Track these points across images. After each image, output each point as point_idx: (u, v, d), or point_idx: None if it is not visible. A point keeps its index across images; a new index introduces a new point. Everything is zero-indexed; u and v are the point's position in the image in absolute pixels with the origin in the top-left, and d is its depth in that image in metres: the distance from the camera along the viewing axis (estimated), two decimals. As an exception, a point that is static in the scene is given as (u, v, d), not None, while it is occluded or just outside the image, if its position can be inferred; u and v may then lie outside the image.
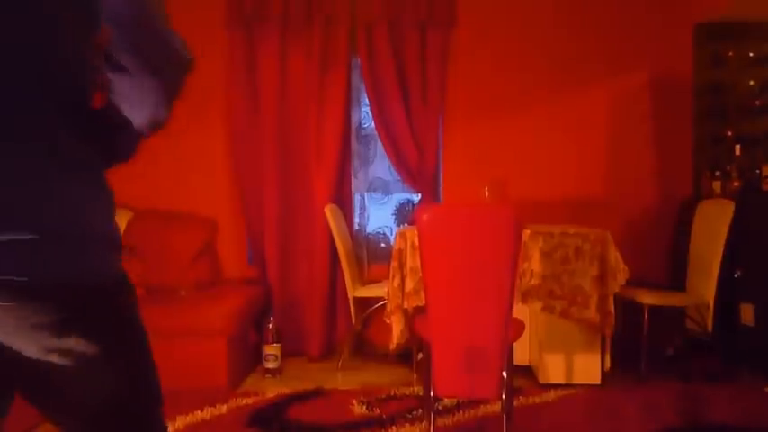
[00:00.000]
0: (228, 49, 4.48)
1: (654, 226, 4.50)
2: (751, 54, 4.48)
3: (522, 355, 3.80)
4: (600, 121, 4.56)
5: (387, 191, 4.75)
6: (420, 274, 2.93)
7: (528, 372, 3.83)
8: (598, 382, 3.61)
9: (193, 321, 3.63)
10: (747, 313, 3.77)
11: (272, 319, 4.03)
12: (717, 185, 4.25)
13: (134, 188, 4.53)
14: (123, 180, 4.80)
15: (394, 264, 3.47)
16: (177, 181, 4.57)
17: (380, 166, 4.70)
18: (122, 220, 4.37)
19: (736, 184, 4.19)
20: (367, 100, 4.47)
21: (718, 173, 4.29)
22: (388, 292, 3.50)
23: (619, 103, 4.54)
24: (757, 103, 4.44)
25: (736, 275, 3.80)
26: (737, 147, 4.30)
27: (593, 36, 4.55)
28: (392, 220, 4.74)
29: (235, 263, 4.61)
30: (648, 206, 4.53)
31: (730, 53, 4.48)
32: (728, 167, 4.27)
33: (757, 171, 4.12)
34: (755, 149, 4.34)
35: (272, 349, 3.97)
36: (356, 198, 4.64)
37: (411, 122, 4.43)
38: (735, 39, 4.48)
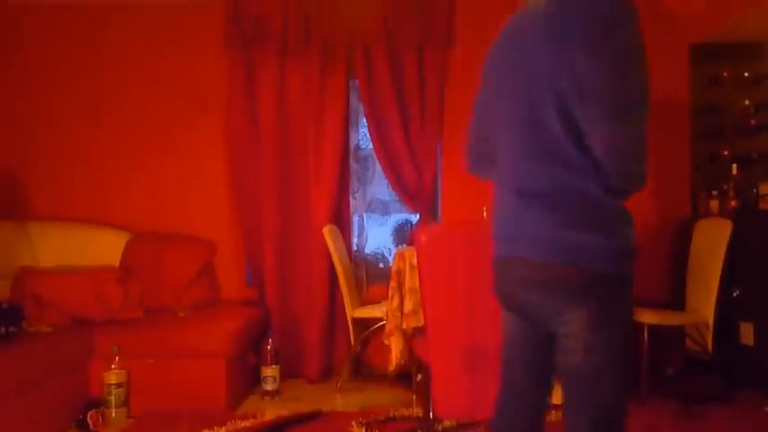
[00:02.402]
0: (227, 71, 4.51)
1: (652, 245, 4.50)
2: (746, 74, 4.52)
3: (521, 375, 3.77)
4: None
5: (385, 211, 4.75)
6: (419, 295, 2.92)
7: (528, 392, 3.80)
8: (598, 402, 3.58)
9: (192, 343, 3.61)
10: (747, 332, 3.77)
11: (270, 340, 4.02)
12: (714, 204, 4.26)
13: (133, 210, 4.55)
14: (122, 202, 4.84)
15: (393, 284, 3.47)
16: (176, 202, 4.58)
17: (379, 186, 4.72)
18: (121, 241, 4.37)
19: (733, 203, 4.20)
20: (365, 121, 4.50)
21: (715, 192, 4.30)
22: (387, 312, 3.48)
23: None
24: (753, 122, 4.47)
25: (735, 294, 3.80)
26: (734, 166, 4.32)
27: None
28: (391, 241, 4.74)
29: (234, 284, 4.61)
30: (647, 225, 4.53)
31: (725, 73, 4.52)
32: (726, 186, 4.29)
33: (754, 190, 4.13)
34: (752, 168, 4.37)
35: (270, 371, 3.95)
36: (355, 218, 4.65)
37: (409, 143, 4.45)
38: (729, 59, 4.52)
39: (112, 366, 3.46)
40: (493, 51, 1.81)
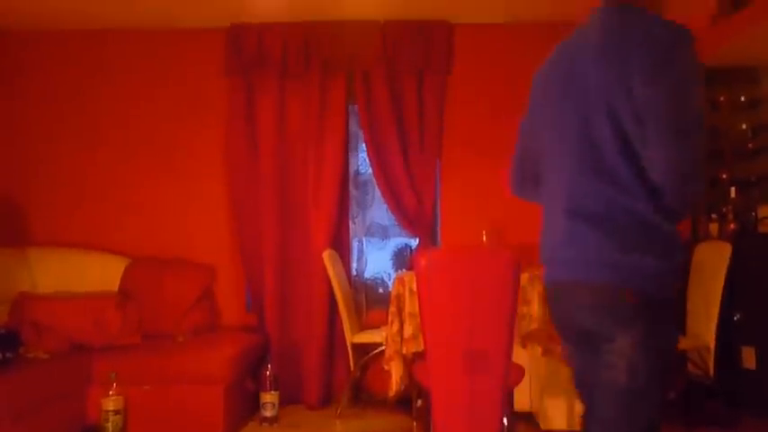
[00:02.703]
0: (228, 96, 4.54)
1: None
2: (742, 98, 4.54)
3: (522, 400, 3.75)
4: (595, 164, 4.58)
5: (385, 235, 4.76)
6: (419, 320, 2.91)
7: (529, 418, 3.77)
8: (600, 427, 3.55)
9: (190, 368, 3.59)
10: (749, 356, 3.75)
11: (269, 366, 3.99)
12: (714, 227, 4.26)
13: (132, 235, 4.56)
14: (121, 226, 4.84)
15: (392, 309, 3.45)
16: (176, 227, 4.58)
17: (378, 210, 4.72)
18: (120, 266, 4.37)
19: (732, 226, 4.20)
20: (365, 146, 4.52)
21: (714, 215, 4.31)
22: (387, 337, 3.47)
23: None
24: (750, 145, 4.49)
25: (735, 318, 3.78)
26: (733, 189, 4.33)
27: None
28: (390, 265, 4.74)
29: (233, 309, 4.59)
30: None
31: (722, 98, 4.55)
32: (725, 209, 4.30)
33: (753, 213, 4.14)
34: (751, 191, 4.37)
35: (269, 397, 3.92)
36: (354, 243, 4.65)
37: (408, 167, 4.46)
38: (726, 83, 4.55)
39: (110, 393, 3.43)
40: (543, 77, 1.87)
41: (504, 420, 2.55)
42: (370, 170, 4.53)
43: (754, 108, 4.53)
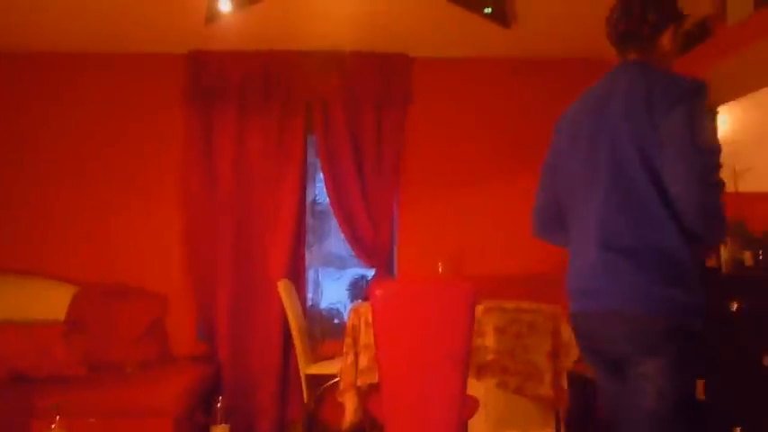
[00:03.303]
0: (185, 123, 4.50)
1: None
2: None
3: (477, 433, 3.73)
4: (550, 198, 4.66)
5: (341, 266, 4.73)
6: (374, 351, 2.89)
7: (483, 451, 3.75)
8: (554, 460, 3.56)
9: (138, 401, 3.48)
10: (698, 388, 3.81)
11: (221, 397, 3.90)
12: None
13: (81, 261, 4.44)
14: (70, 253, 4.71)
15: (347, 340, 3.42)
16: (127, 255, 4.48)
17: (335, 241, 4.71)
18: (68, 294, 4.24)
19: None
20: (322, 175, 4.51)
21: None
22: (342, 369, 3.43)
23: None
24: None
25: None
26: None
27: (546, 112, 4.69)
28: (346, 296, 4.71)
29: (184, 340, 4.48)
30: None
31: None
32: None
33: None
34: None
35: (220, 430, 3.81)
36: (310, 273, 4.61)
37: (366, 198, 4.47)
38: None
39: (52, 426, 3.28)
40: (570, 122, 2.08)
41: (459, 453, 2.53)
42: (328, 200, 4.52)
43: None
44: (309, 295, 4.60)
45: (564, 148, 2.07)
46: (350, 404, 3.43)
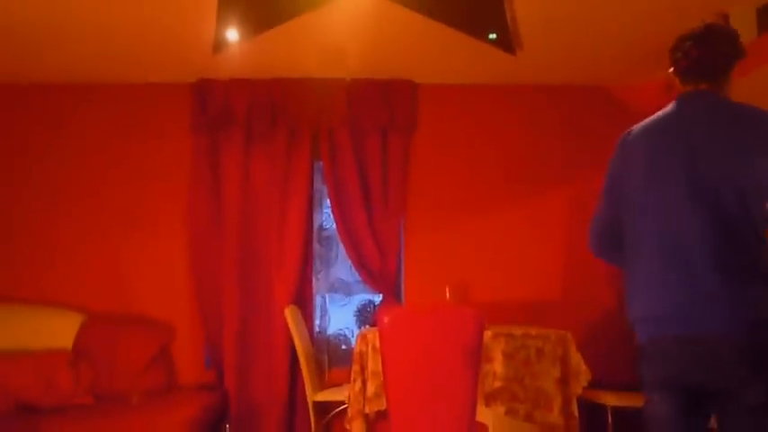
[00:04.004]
0: (192, 152, 4.52)
1: (614, 326, 4.52)
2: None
3: (486, 461, 3.69)
4: (559, 222, 4.65)
5: (348, 292, 4.72)
6: (382, 378, 2.87)
7: (493, 479, 3.70)
8: (565, 488, 3.50)
9: (145, 430, 3.46)
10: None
11: (228, 426, 3.87)
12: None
13: (88, 290, 4.44)
14: (77, 282, 4.70)
15: (355, 367, 3.40)
16: (134, 284, 4.48)
17: (342, 267, 4.70)
18: (75, 323, 4.23)
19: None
20: (329, 202, 4.52)
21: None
22: (349, 396, 3.41)
23: (577, 204, 4.65)
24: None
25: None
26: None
27: (552, 139, 4.73)
28: (353, 322, 4.69)
29: (191, 368, 4.46)
30: (608, 306, 4.57)
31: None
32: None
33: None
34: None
35: (227, 459, 3.79)
36: (317, 299, 4.60)
37: (372, 224, 4.47)
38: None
39: (59, 456, 3.28)
40: (642, 145, 2.12)
41: (468, 482, 2.50)
42: (335, 226, 4.52)
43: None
44: (317, 321, 4.58)
45: (633, 171, 2.10)
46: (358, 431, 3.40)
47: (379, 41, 4.00)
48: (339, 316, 4.70)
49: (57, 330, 4.18)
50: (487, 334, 3.32)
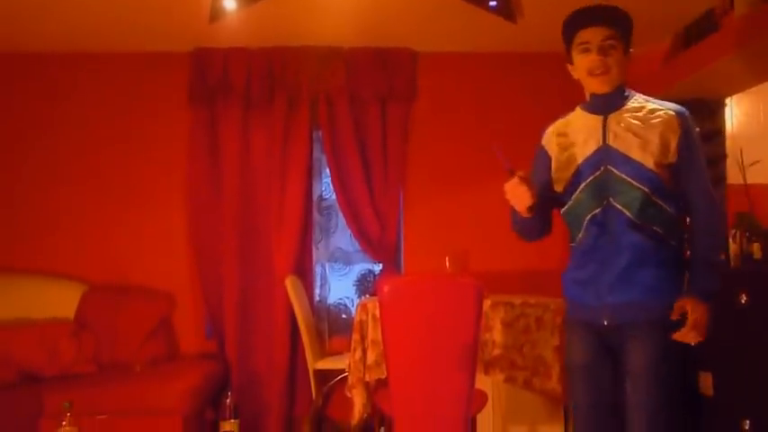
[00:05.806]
0: (190, 124, 4.50)
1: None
2: (697, 129, 4.64)
3: (485, 427, 3.74)
4: (556, 192, 4.64)
5: (348, 261, 4.73)
6: (382, 347, 2.89)
7: (492, 445, 3.76)
8: (562, 454, 3.56)
9: (148, 398, 3.49)
10: (706, 382, 3.80)
11: (229, 394, 3.91)
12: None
13: (89, 261, 4.45)
14: (78, 253, 4.72)
15: (355, 336, 3.43)
16: (134, 254, 4.49)
17: (342, 236, 4.70)
18: (76, 293, 4.25)
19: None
20: (328, 171, 4.51)
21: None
22: (350, 364, 3.44)
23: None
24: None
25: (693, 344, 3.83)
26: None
27: (553, 107, 4.68)
28: (353, 291, 4.71)
29: (192, 337, 4.50)
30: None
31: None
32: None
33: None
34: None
35: (229, 426, 3.83)
36: (317, 269, 4.61)
37: (372, 194, 4.47)
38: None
39: (63, 424, 3.30)
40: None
41: (467, 448, 2.54)
42: (334, 195, 4.52)
43: (709, 140, 4.64)
44: (317, 291, 4.60)
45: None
46: (358, 399, 3.44)
47: (379, 9, 3.94)
48: (339, 285, 4.72)
49: (59, 300, 4.21)
50: (487, 303, 3.34)
